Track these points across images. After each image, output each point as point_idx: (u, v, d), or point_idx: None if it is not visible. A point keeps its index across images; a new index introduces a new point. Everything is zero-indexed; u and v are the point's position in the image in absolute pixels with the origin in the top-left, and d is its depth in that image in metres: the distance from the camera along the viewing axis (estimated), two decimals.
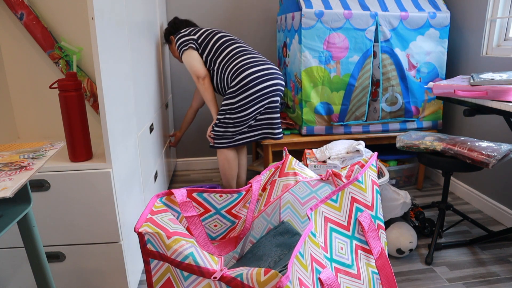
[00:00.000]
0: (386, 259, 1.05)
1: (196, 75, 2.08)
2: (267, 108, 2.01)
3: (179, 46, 2.09)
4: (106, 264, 1.34)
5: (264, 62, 2.00)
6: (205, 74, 2.08)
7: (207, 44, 2.06)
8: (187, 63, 2.09)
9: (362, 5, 2.22)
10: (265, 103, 1.98)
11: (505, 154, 1.58)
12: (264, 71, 1.96)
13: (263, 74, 1.95)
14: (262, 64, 1.98)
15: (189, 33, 2.09)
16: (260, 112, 2.01)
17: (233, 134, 2.03)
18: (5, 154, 0.95)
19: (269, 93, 1.97)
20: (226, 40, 2.07)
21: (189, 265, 0.81)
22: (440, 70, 2.36)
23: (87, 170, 1.23)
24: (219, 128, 2.03)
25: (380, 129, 2.39)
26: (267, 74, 1.96)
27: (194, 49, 2.07)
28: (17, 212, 0.91)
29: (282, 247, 1.24)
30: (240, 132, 2.03)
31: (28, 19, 1.42)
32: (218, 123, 2.03)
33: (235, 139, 2.05)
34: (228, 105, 1.98)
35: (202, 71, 2.07)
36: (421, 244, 1.91)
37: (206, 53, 2.07)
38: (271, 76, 1.97)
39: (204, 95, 2.12)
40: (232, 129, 2.02)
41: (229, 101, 1.98)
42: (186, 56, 2.08)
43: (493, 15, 2.14)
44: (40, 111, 1.58)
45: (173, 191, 1.05)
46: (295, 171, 1.14)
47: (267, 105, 2.00)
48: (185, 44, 2.06)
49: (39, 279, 1.03)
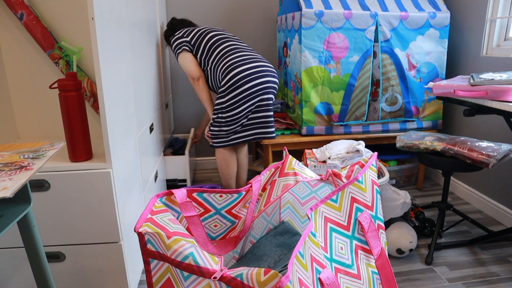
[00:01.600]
0: (386, 259, 1.05)
1: (191, 76, 2.12)
2: (259, 106, 1.99)
3: (174, 49, 2.12)
4: (106, 264, 1.34)
5: (255, 59, 1.97)
6: (199, 75, 2.10)
7: (199, 45, 2.07)
8: (182, 65, 2.13)
9: (362, 5, 2.22)
10: (256, 101, 1.96)
11: (505, 154, 1.58)
12: (254, 69, 1.93)
13: (253, 72, 1.93)
14: (253, 62, 1.95)
15: (182, 35, 2.11)
16: (252, 110, 1.99)
17: (227, 133, 2.04)
18: (5, 154, 0.95)
19: (259, 91, 1.94)
20: (218, 39, 2.06)
21: (189, 265, 0.81)
22: (440, 70, 2.36)
23: (87, 170, 1.23)
24: (214, 127, 2.05)
25: (380, 129, 2.38)
26: (258, 72, 1.94)
27: (188, 51, 2.09)
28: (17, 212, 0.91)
29: (282, 247, 1.24)
30: (233, 131, 2.03)
31: (28, 19, 1.42)
32: (213, 123, 2.05)
33: (230, 138, 2.05)
34: (219, 104, 1.99)
35: (196, 72, 2.09)
36: (421, 244, 1.91)
37: (199, 53, 2.08)
38: (262, 73, 1.95)
39: (199, 95, 2.15)
40: (225, 128, 2.02)
41: (220, 100, 1.99)
42: (180, 59, 2.11)
43: (493, 15, 2.14)
44: (40, 111, 1.58)
45: (173, 191, 1.05)
46: (295, 171, 1.14)
47: (259, 103, 1.98)
48: (179, 47, 2.09)
49: (39, 279, 1.03)
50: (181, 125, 2.92)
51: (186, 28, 2.16)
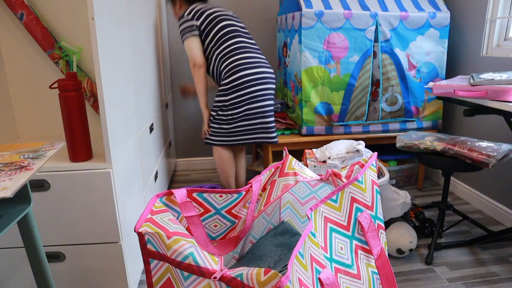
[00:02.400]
0: (386, 259, 1.05)
1: (194, 62, 2.04)
2: (260, 112, 2.01)
3: (181, 31, 2.04)
4: (106, 264, 1.34)
5: (259, 64, 1.99)
6: (202, 63, 2.05)
7: (209, 31, 2.01)
8: (187, 49, 2.04)
9: (362, 5, 2.22)
10: (256, 106, 1.99)
11: (505, 154, 1.58)
12: (257, 75, 1.96)
13: (257, 78, 1.96)
14: (257, 67, 1.98)
15: (192, 17, 2.01)
16: (253, 114, 2.00)
17: (227, 132, 2.04)
18: (5, 154, 0.95)
19: (259, 97, 1.98)
20: (229, 31, 2.02)
21: (189, 265, 0.81)
22: (440, 70, 2.36)
23: (87, 170, 1.23)
24: (214, 124, 2.05)
25: (380, 129, 2.38)
26: (261, 78, 1.97)
27: (196, 36, 2.02)
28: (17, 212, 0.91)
29: (282, 247, 1.24)
30: (234, 132, 2.03)
31: (28, 19, 1.42)
32: (213, 120, 2.04)
33: (229, 139, 2.06)
34: (221, 102, 1.99)
35: (200, 60, 2.04)
36: (421, 244, 1.91)
37: (208, 40, 2.03)
38: (264, 80, 1.98)
39: (196, 84, 2.08)
40: (226, 126, 2.02)
41: (221, 98, 1.99)
42: (187, 43, 2.03)
43: (493, 15, 2.14)
44: (40, 111, 1.58)
45: (173, 191, 1.05)
46: (295, 171, 1.14)
47: (260, 109, 2.00)
48: (188, 30, 2.01)
49: (39, 279, 1.03)
50: (181, 125, 2.92)
51: (196, 7, 2.05)
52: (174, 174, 2.92)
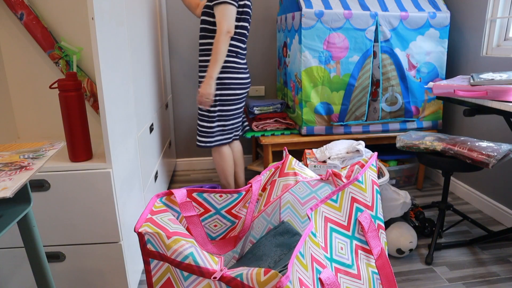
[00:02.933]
0: (386, 259, 1.05)
1: (228, 29, 1.91)
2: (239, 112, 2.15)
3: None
4: (106, 264, 1.34)
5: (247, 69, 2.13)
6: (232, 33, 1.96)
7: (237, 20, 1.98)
8: (225, 14, 1.90)
9: (362, 5, 2.22)
10: (241, 106, 2.14)
11: (505, 154, 1.58)
12: (247, 79, 2.10)
13: (246, 82, 2.10)
14: (247, 72, 2.12)
15: None
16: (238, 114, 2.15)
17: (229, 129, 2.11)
18: (5, 154, 0.95)
19: (242, 100, 2.12)
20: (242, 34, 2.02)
21: (189, 265, 0.81)
22: (440, 70, 2.36)
23: (87, 170, 1.23)
24: (214, 123, 2.07)
25: (380, 129, 2.38)
26: (248, 83, 2.12)
27: (236, 8, 1.94)
28: (17, 212, 0.91)
29: (282, 247, 1.24)
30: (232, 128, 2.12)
31: (28, 19, 1.42)
32: (214, 118, 2.06)
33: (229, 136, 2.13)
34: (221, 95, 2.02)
35: (233, 29, 1.95)
36: (421, 244, 1.91)
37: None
38: (248, 85, 2.12)
39: (220, 50, 1.93)
40: (227, 123, 2.10)
41: (222, 91, 2.02)
42: (227, 9, 1.90)
43: (493, 15, 2.14)
44: (40, 111, 1.58)
45: (173, 191, 1.05)
46: (295, 171, 1.14)
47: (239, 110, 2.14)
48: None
49: (39, 279, 1.03)
50: (181, 125, 2.92)
51: None
52: (174, 174, 2.92)
